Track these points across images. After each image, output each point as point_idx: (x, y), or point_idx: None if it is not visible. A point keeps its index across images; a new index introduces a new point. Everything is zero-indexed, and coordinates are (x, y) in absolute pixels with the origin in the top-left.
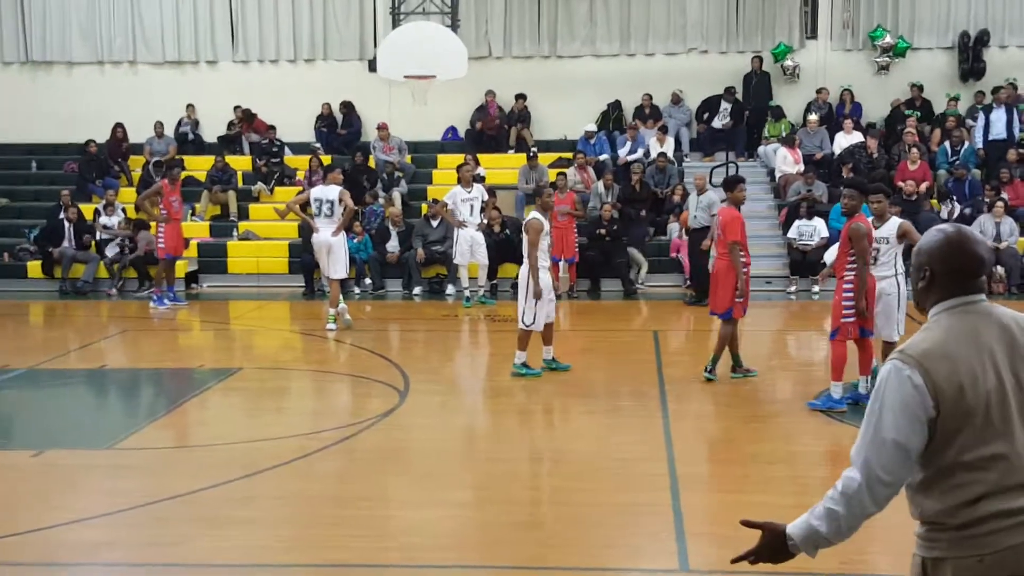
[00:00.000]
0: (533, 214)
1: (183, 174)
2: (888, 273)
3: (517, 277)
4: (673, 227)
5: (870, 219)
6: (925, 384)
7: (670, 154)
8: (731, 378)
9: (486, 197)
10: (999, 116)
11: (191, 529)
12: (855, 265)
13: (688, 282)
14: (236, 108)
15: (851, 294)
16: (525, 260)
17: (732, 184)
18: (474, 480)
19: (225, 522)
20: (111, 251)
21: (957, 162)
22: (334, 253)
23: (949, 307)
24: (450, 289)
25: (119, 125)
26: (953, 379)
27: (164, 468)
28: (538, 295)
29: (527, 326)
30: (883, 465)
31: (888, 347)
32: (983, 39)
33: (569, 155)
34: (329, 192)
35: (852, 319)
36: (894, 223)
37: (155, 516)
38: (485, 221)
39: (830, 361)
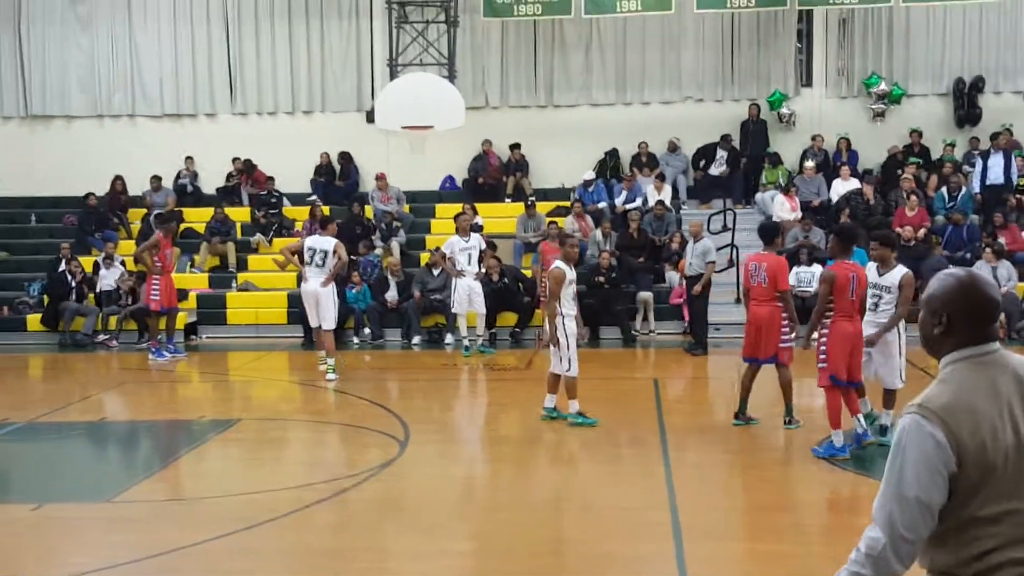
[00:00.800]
0: (557, 263)
1: (182, 226)
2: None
3: (516, 326)
4: (672, 275)
5: (871, 265)
6: (948, 440)
7: (667, 202)
8: (733, 425)
9: (484, 246)
10: (996, 161)
11: None
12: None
13: (687, 329)
14: (235, 160)
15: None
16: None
17: (774, 233)
18: (474, 530)
19: (225, 574)
20: (111, 303)
21: (955, 207)
22: (323, 304)
23: (966, 357)
24: (449, 338)
25: (118, 178)
26: (976, 435)
27: (163, 521)
28: (555, 342)
29: (566, 372)
30: (906, 523)
31: (889, 394)
32: (978, 85)
33: (567, 203)
34: (324, 243)
35: (824, 364)
36: (898, 272)
37: (154, 569)
38: (483, 270)
39: (826, 410)
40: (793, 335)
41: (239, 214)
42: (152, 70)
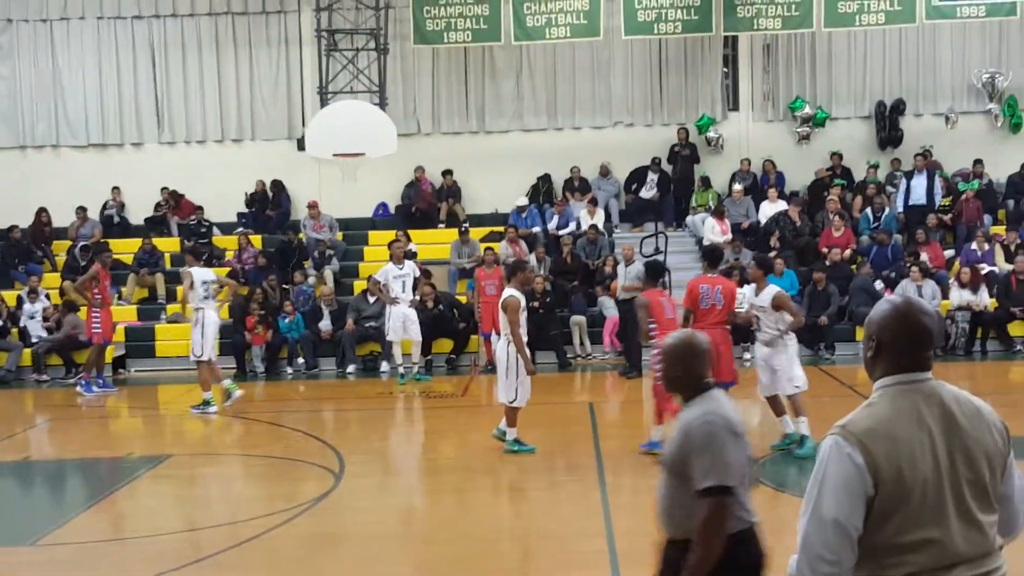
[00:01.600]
0: (511, 292)
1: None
2: (770, 336)
3: (452, 352)
4: (604, 300)
5: (749, 287)
6: (866, 463)
7: (600, 226)
8: None
9: (418, 273)
10: (919, 182)
11: None
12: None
13: (619, 354)
14: (163, 189)
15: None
16: (502, 336)
17: (720, 257)
18: (412, 563)
19: None
20: (37, 338)
21: (879, 228)
22: (215, 332)
23: (895, 383)
24: (384, 366)
25: (43, 210)
26: (893, 460)
27: (91, 563)
28: (531, 372)
29: (510, 403)
30: (824, 543)
31: (790, 401)
32: (899, 108)
33: (501, 229)
34: (210, 275)
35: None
36: (769, 293)
37: None
38: (418, 297)
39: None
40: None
41: (168, 244)
42: (76, 99)
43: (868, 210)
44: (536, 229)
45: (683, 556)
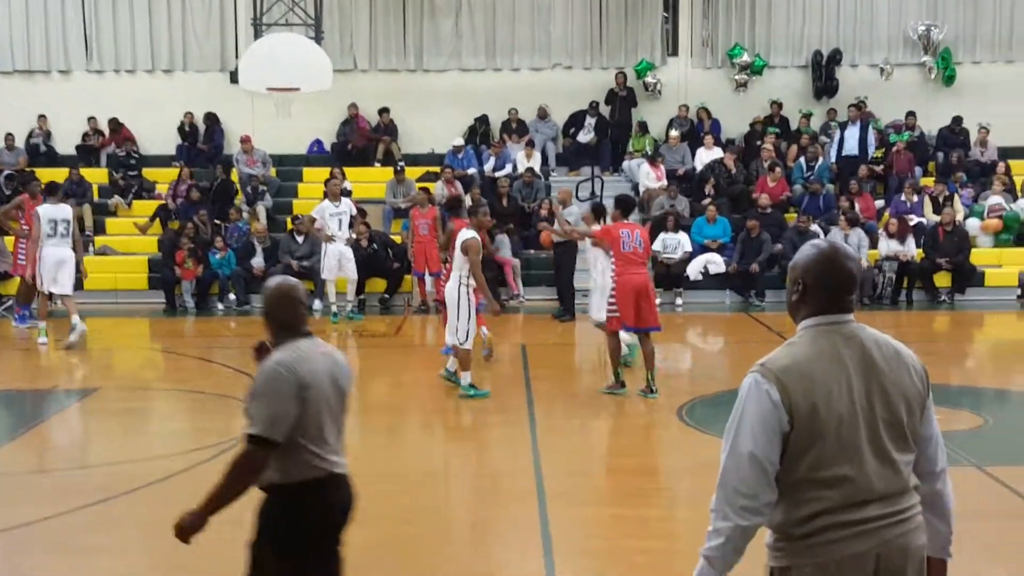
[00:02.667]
0: (470, 233)
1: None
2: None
3: (385, 292)
4: (501, 239)
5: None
6: (782, 399)
7: (537, 169)
8: (599, 392)
9: (354, 211)
10: (853, 133)
11: (44, 558)
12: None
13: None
14: (91, 119)
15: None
16: (454, 277)
17: (634, 206)
18: None
19: (81, 549)
20: None
21: (812, 177)
22: (68, 268)
23: (816, 324)
24: (317, 304)
25: None
26: (808, 397)
27: (16, 495)
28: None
29: (462, 344)
30: (741, 478)
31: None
32: (835, 58)
33: (437, 169)
34: (64, 211)
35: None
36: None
37: (5, 546)
38: (353, 236)
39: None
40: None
41: (96, 175)
42: (1, 24)
43: (802, 160)
44: (472, 171)
45: (272, 502)
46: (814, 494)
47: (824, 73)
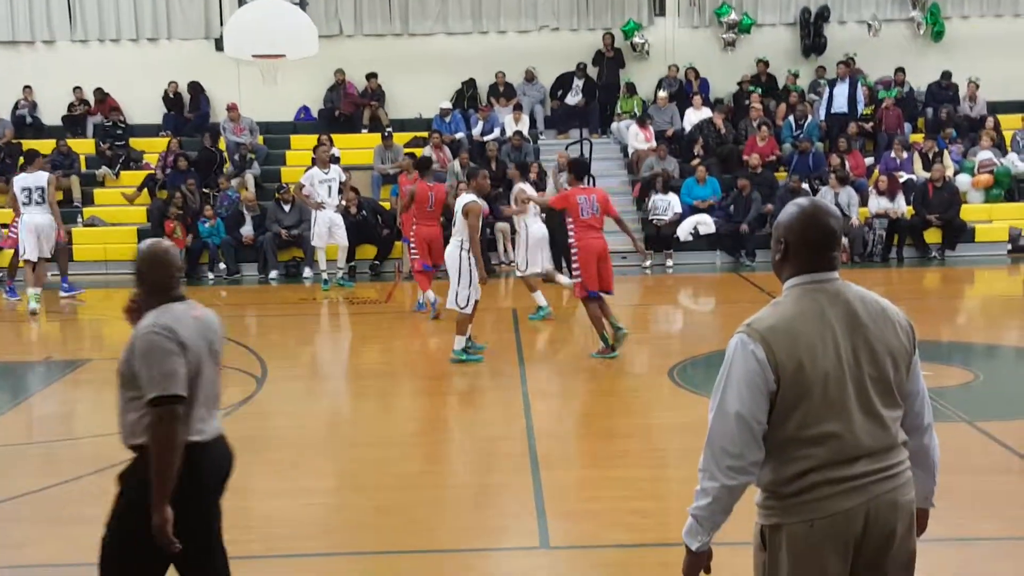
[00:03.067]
0: (471, 197)
1: (21, 159)
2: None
3: (376, 259)
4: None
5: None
6: (767, 358)
7: (525, 132)
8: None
9: (344, 178)
10: (841, 90)
11: (38, 529)
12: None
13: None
14: (76, 89)
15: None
16: (454, 241)
17: (588, 170)
18: (335, 467)
19: (75, 520)
20: None
21: (801, 136)
22: (48, 234)
23: (800, 283)
24: (307, 272)
25: None
26: (793, 355)
27: (8, 466)
28: (483, 280)
29: (461, 309)
30: (726, 437)
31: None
32: (823, 15)
33: (424, 134)
34: (38, 179)
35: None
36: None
37: (0, 516)
38: (343, 203)
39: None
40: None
41: (83, 146)
42: None
43: (791, 118)
44: (460, 135)
45: (138, 462)
46: (802, 452)
47: (812, 31)
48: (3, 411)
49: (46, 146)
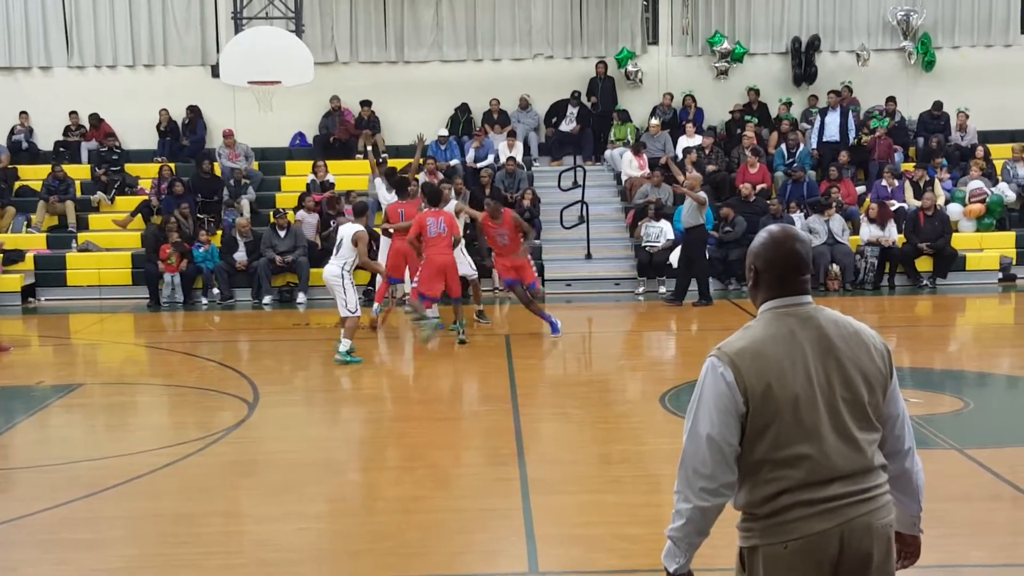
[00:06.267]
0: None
1: (17, 184)
2: None
3: (370, 284)
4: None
5: None
6: (736, 380)
7: (519, 158)
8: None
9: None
10: (833, 119)
11: (28, 554)
12: None
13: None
14: (72, 114)
15: None
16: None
17: (440, 197)
18: (328, 492)
19: (65, 545)
20: None
21: (794, 164)
22: None
23: (772, 307)
24: (301, 297)
25: None
26: (762, 377)
27: (1, 490)
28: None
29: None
30: (698, 459)
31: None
32: (815, 44)
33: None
34: None
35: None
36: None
37: None
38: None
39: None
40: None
41: (78, 171)
42: None
43: (783, 146)
44: (455, 161)
45: None
46: (775, 474)
47: (803, 60)
48: None
49: (41, 171)
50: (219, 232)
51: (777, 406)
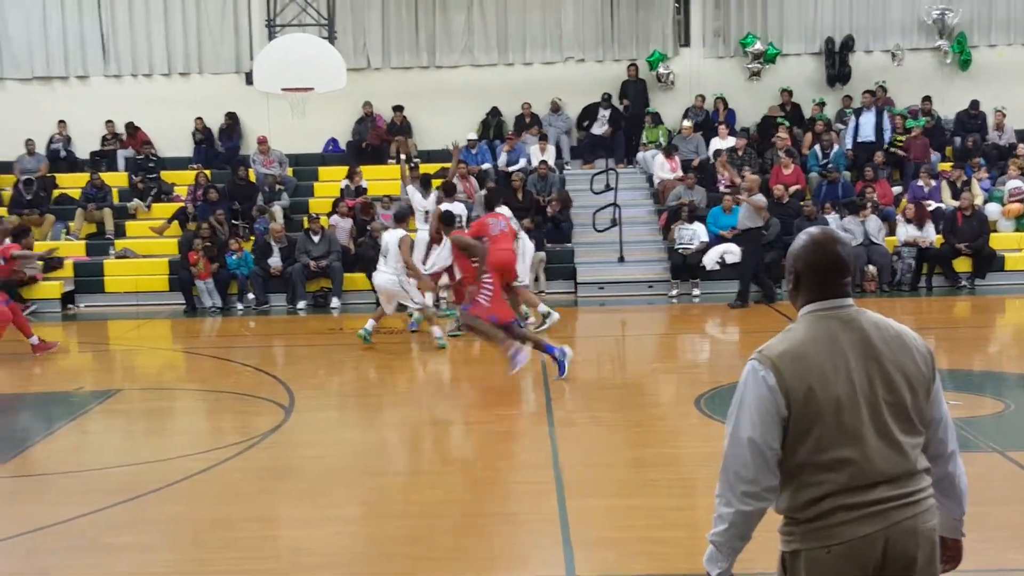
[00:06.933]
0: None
1: (56, 192)
2: None
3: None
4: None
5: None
6: (778, 384)
7: (551, 162)
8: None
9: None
10: (868, 119)
11: (68, 558)
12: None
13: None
14: (108, 123)
15: None
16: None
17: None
18: (362, 496)
19: (105, 549)
20: None
21: (828, 165)
22: None
23: (813, 310)
24: (335, 303)
25: None
26: (804, 380)
27: (40, 495)
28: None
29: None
30: (741, 463)
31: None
32: (848, 44)
33: (450, 165)
34: None
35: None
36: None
37: (30, 546)
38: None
39: None
40: None
41: (115, 179)
42: (20, 30)
43: (817, 147)
44: (487, 165)
45: None
46: (817, 478)
47: (837, 60)
48: (35, 440)
49: (79, 179)
50: (252, 238)
51: (819, 409)
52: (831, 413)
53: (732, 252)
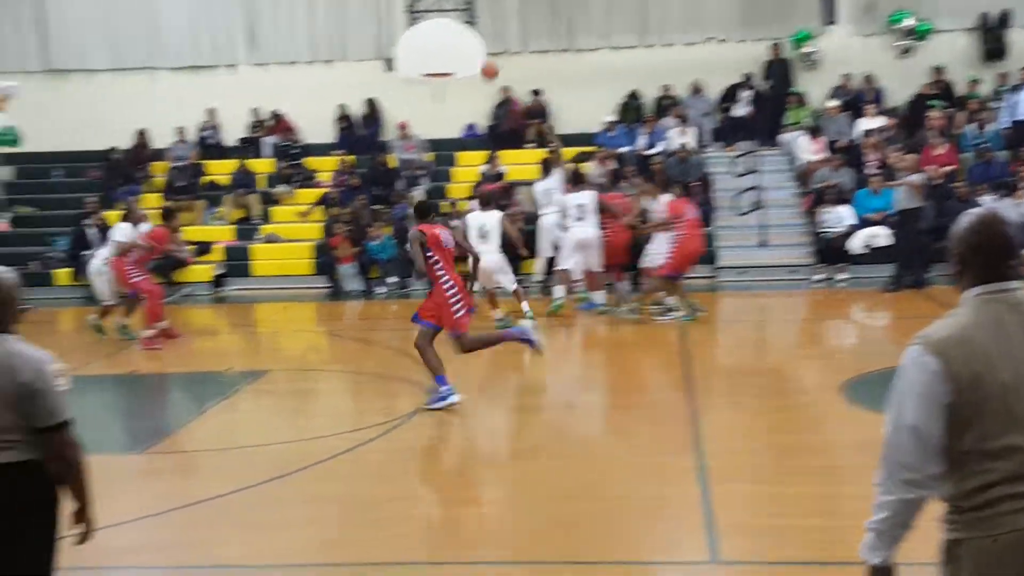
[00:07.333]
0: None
1: (205, 179)
2: None
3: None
4: None
5: None
6: (943, 370)
7: (691, 144)
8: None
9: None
10: None
11: (223, 532)
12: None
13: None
14: (254, 111)
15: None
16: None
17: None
18: (504, 477)
19: (257, 524)
20: None
21: (982, 144)
22: None
23: (978, 294)
24: (477, 286)
25: (141, 131)
26: (970, 366)
27: (196, 471)
28: None
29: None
30: (904, 450)
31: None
32: (1005, 20)
33: (591, 149)
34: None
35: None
36: None
37: (187, 519)
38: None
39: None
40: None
41: (260, 166)
42: (170, 21)
43: (971, 126)
44: (625, 149)
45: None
46: (984, 466)
47: (993, 36)
48: (190, 419)
49: (227, 166)
50: (374, 225)
51: (985, 395)
52: (998, 399)
53: (880, 236)
